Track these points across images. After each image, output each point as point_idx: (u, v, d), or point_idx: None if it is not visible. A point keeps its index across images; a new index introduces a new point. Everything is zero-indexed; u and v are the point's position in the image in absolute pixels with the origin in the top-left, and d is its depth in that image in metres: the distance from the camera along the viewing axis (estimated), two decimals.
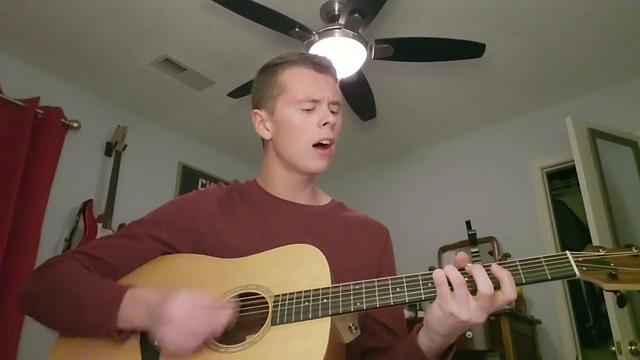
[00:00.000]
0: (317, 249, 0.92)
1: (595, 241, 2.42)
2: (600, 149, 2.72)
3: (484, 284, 0.78)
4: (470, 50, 2.54)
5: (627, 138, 2.89)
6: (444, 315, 0.80)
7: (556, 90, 3.33)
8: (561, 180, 4.00)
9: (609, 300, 2.42)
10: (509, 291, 0.78)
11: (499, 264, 0.81)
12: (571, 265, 0.78)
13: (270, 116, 1.10)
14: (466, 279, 0.80)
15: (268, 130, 1.11)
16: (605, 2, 2.57)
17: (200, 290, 0.91)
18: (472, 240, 0.86)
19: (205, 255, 1.01)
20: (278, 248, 0.96)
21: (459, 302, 0.79)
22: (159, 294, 0.89)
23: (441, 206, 3.79)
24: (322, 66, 1.09)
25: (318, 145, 1.06)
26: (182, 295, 0.86)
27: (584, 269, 0.78)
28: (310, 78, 1.07)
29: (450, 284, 0.80)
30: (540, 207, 3.34)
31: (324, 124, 1.04)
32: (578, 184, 2.65)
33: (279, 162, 1.11)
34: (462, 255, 0.84)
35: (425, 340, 0.87)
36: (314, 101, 1.05)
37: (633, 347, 2.26)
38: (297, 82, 1.07)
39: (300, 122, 1.05)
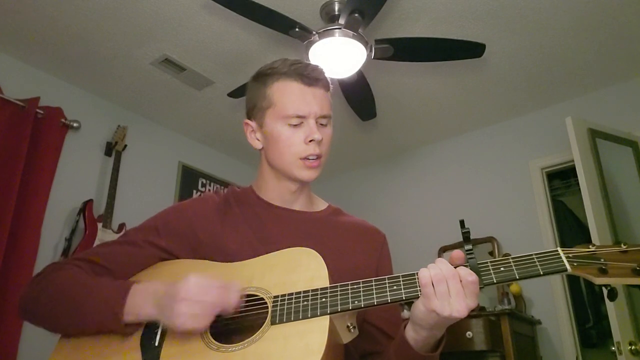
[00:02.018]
0: (315, 251, 0.93)
1: (595, 241, 2.42)
2: (600, 149, 2.72)
3: (446, 268, 0.82)
4: (470, 50, 2.54)
5: (627, 138, 2.89)
6: (426, 311, 0.83)
7: (556, 90, 3.34)
8: (561, 180, 4.00)
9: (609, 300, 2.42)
10: (462, 271, 0.82)
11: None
12: (562, 261, 0.80)
13: (259, 128, 1.11)
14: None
15: (258, 140, 1.13)
16: (605, 2, 2.57)
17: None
18: (466, 239, 0.87)
19: (204, 260, 1.02)
20: (276, 252, 0.97)
21: (440, 298, 0.81)
22: (164, 283, 0.91)
23: (441, 206, 3.79)
24: (310, 79, 1.08)
25: (305, 159, 1.06)
26: (194, 276, 0.88)
27: (574, 264, 0.80)
28: (298, 93, 1.06)
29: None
30: (540, 207, 3.34)
31: (310, 141, 1.05)
32: (578, 184, 2.65)
33: (271, 171, 1.13)
34: (457, 253, 0.86)
35: (411, 333, 0.90)
36: (300, 117, 1.05)
37: (633, 347, 2.26)
38: (284, 97, 1.07)
39: (288, 138, 1.06)
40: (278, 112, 1.06)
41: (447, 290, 0.81)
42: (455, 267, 0.83)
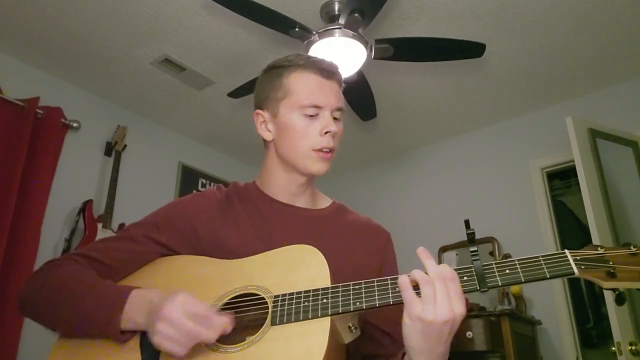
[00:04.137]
0: (316, 249, 0.92)
1: (596, 241, 2.42)
2: (600, 149, 2.71)
3: (433, 269, 0.79)
4: (470, 50, 2.54)
5: (627, 138, 2.88)
6: (411, 323, 0.78)
7: (556, 90, 3.33)
8: (561, 180, 4.00)
9: (609, 300, 2.42)
10: (442, 269, 0.79)
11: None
12: (570, 264, 0.78)
13: (272, 118, 1.10)
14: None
15: (270, 131, 1.11)
16: (605, 2, 2.57)
17: (199, 293, 0.91)
18: (471, 240, 0.86)
19: (204, 257, 1.02)
20: (277, 249, 0.96)
21: (425, 300, 0.77)
22: (163, 293, 0.88)
23: (441, 206, 3.78)
24: (328, 72, 1.08)
25: (319, 150, 1.06)
26: (182, 296, 0.85)
27: (582, 267, 0.78)
28: (316, 84, 1.07)
29: (417, 287, 0.79)
30: (540, 207, 3.34)
31: (326, 133, 1.05)
32: (578, 184, 2.65)
33: (279, 164, 1.11)
34: (421, 249, 0.84)
35: None
36: (317, 107, 1.05)
37: (633, 348, 2.26)
38: (302, 86, 1.07)
39: (303, 128, 1.05)
40: (294, 102, 1.06)
41: (432, 293, 0.77)
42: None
